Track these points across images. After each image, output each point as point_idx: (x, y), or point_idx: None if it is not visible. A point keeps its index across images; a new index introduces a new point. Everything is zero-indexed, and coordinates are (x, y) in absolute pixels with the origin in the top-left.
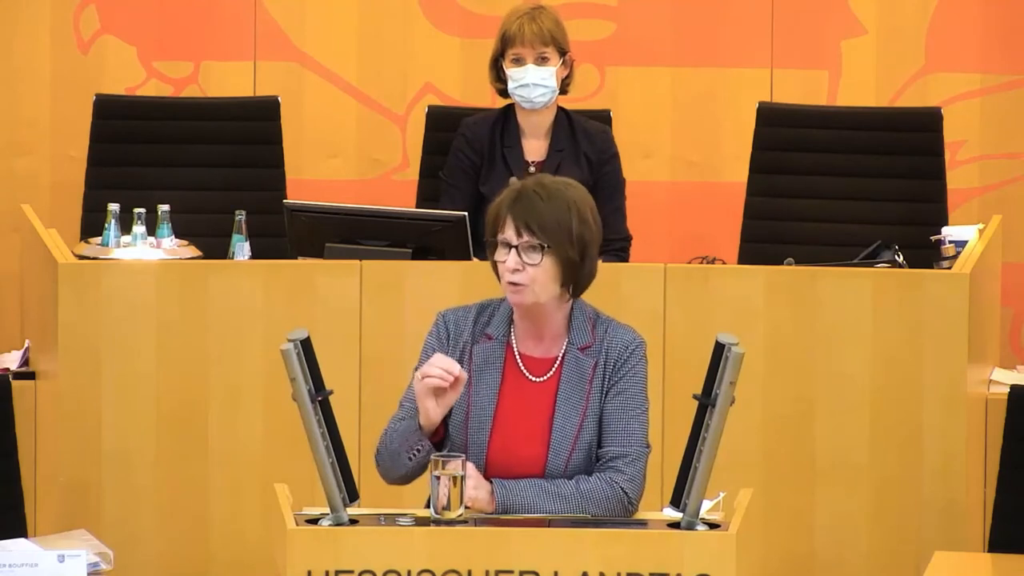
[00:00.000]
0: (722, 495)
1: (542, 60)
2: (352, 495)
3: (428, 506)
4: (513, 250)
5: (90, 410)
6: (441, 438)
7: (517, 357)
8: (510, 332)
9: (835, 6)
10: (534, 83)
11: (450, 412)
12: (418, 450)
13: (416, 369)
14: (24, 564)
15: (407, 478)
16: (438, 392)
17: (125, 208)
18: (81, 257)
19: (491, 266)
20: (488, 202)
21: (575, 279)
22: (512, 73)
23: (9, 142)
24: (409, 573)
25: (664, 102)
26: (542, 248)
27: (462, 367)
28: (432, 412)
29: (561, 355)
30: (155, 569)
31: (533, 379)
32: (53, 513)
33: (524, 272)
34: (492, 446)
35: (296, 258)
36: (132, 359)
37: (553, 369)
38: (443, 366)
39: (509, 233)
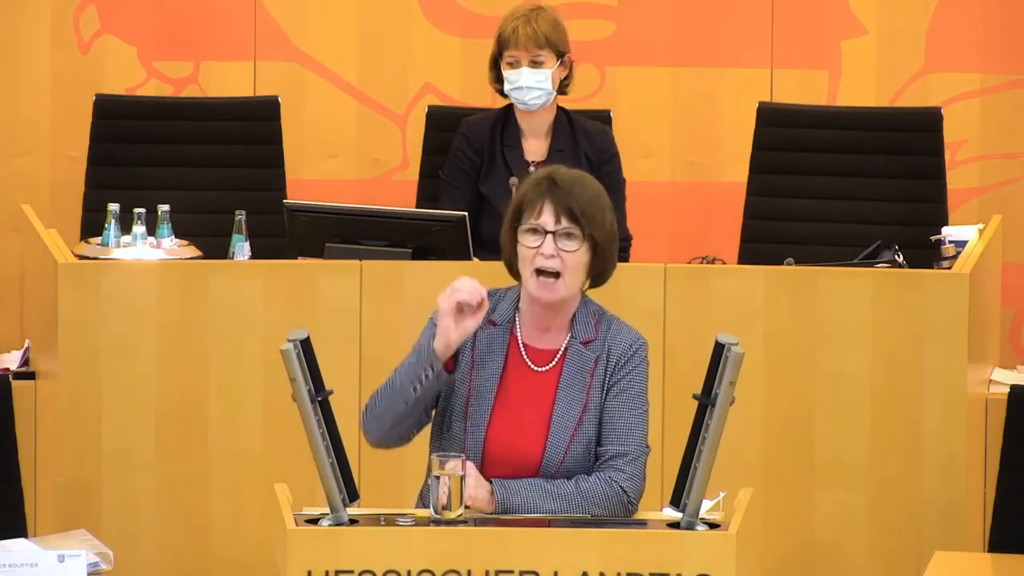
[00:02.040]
0: (722, 495)
1: (536, 63)
2: (352, 495)
3: (421, 501)
4: (549, 236)
5: (90, 410)
6: (451, 370)
7: (520, 345)
8: (515, 320)
9: (835, 6)
10: (528, 86)
11: (452, 393)
12: (427, 375)
13: (419, 338)
14: (24, 564)
15: (396, 434)
16: (458, 315)
17: (125, 208)
18: (81, 257)
19: (507, 255)
20: (488, 202)
21: (600, 271)
22: (507, 75)
23: (9, 142)
24: (409, 573)
25: (664, 102)
26: (582, 235)
27: (466, 352)
28: (452, 332)
29: (564, 347)
30: (155, 569)
31: (535, 368)
32: (53, 513)
33: (557, 259)
34: (491, 432)
35: (296, 258)
36: (132, 359)
37: (555, 360)
38: (471, 287)
39: (546, 218)
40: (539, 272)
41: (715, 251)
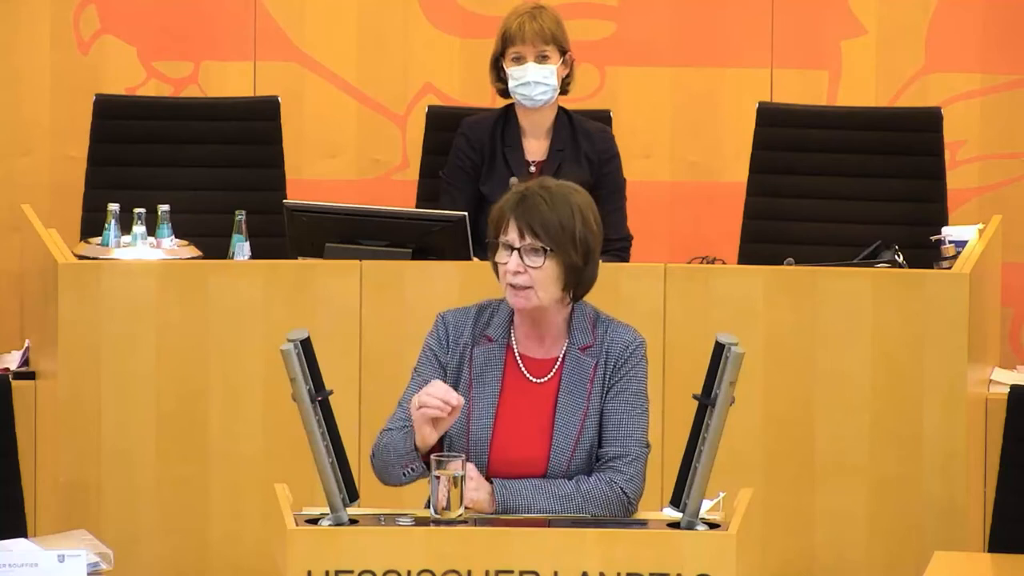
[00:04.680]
0: (722, 495)
1: (542, 58)
2: (352, 495)
3: (428, 506)
4: (515, 252)
5: (90, 410)
6: (438, 450)
7: (518, 359)
8: (510, 333)
9: (835, 6)
10: (535, 81)
11: None
12: (412, 469)
13: (415, 370)
14: (24, 564)
15: (401, 485)
16: (434, 419)
17: (125, 208)
18: (81, 257)
19: (492, 267)
20: (488, 202)
21: (577, 283)
22: (512, 71)
23: (9, 142)
24: (409, 573)
25: (664, 102)
26: (544, 251)
27: (463, 371)
28: (428, 437)
29: (562, 356)
30: (155, 569)
31: (534, 380)
32: (53, 513)
33: (525, 274)
34: (494, 448)
35: (296, 258)
36: (132, 359)
37: (554, 370)
38: (440, 396)
39: (512, 235)
40: (511, 285)
41: (715, 251)
